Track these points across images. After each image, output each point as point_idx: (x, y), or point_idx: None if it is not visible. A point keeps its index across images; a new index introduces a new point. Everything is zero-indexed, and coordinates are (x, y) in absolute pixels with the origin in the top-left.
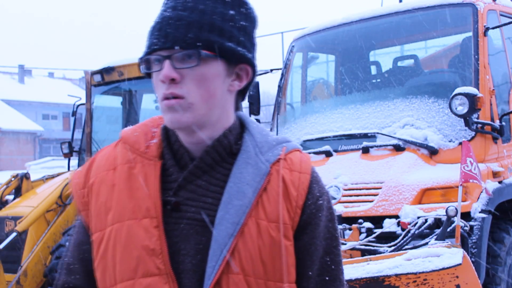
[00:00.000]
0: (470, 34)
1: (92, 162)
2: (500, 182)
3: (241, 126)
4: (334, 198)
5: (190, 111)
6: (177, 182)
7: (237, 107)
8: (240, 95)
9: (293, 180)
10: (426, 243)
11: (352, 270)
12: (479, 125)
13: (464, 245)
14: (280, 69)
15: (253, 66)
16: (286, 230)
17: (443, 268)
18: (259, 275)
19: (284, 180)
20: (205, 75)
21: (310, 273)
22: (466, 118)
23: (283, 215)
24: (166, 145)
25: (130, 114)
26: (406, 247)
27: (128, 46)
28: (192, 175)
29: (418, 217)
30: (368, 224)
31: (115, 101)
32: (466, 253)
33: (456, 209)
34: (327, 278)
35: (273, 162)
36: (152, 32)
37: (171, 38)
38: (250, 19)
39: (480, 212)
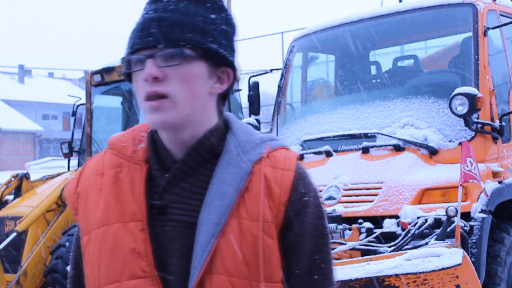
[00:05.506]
0: (470, 34)
1: (83, 169)
2: (500, 182)
3: (226, 127)
4: (334, 198)
5: (174, 110)
6: (162, 186)
7: (220, 111)
8: (222, 99)
9: (276, 177)
10: (426, 243)
11: (352, 270)
12: (479, 125)
13: (464, 245)
14: (280, 69)
15: (234, 69)
16: (268, 228)
17: (443, 268)
18: (243, 275)
19: (266, 177)
20: (188, 74)
21: (297, 271)
22: (466, 118)
23: (265, 213)
24: (151, 149)
25: (130, 114)
26: (406, 247)
27: None
28: (175, 178)
29: (418, 217)
30: (368, 224)
31: (115, 101)
32: (466, 253)
33: (456, 209)
34: (316, 277)
35: (255, 161)
36: (134, 33)
37: (154, 37)
38: (230, 25)
39: (480, 212)
